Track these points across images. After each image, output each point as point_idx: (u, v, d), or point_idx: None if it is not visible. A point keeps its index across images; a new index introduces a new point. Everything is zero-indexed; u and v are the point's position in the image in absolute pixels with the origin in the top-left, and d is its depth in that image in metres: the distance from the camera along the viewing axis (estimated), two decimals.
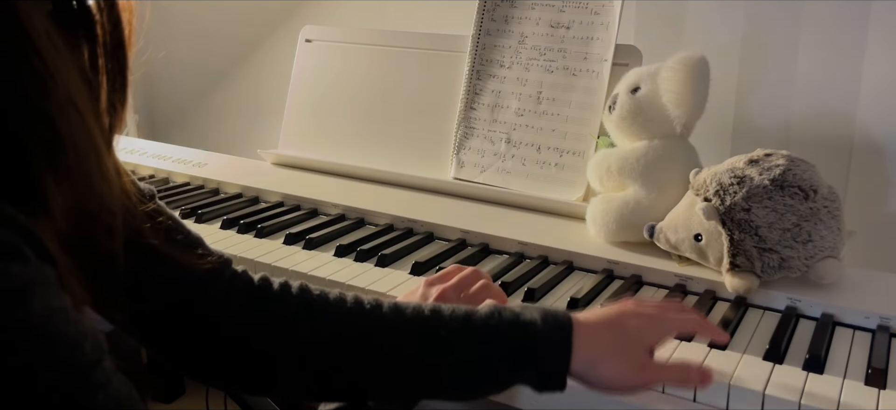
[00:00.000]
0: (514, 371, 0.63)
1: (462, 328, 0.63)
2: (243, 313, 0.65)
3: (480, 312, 0.64)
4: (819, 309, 0.82)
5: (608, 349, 0.63)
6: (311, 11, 1.71)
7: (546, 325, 0.63)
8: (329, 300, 0.66)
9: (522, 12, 1.21)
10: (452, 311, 0.64)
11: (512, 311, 0.64)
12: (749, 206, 0.83)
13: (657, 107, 0.97)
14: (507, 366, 0.62)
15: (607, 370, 0.63)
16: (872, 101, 1.15)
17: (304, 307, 0.66)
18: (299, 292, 0.67)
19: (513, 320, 0.63)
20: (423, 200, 1.17)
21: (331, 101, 1.36)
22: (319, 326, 0.64)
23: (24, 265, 0.38)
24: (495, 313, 0.64)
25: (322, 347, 0.64)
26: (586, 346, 0.62)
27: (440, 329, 0.63)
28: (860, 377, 0.70)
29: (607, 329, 0.64)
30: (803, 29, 1.18)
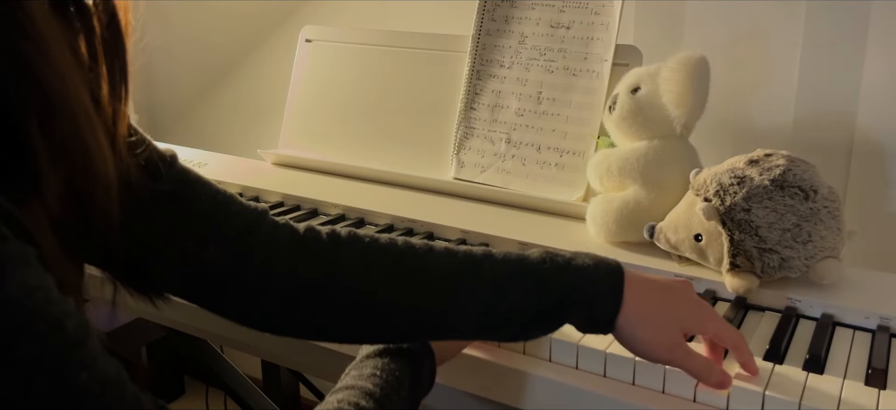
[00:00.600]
0: (564, 314, 0.65)
1: (516, 271, 0.65)
2: (289, 262, 0.65)
3: (533, 256, 0.66)
4: (819, 309, 0.82)
5: (651, 315, 0.65)
6: (311, 11, 1.71)
7: (599, 271, 0.65)
8: (380, 244, 0.67)
9: (522, 12, 1.21)
10: (505, 255, 0.66)
11: (564, 256, 0.66)
12: (749, 206, 0.83)
13: (657, 107, 0.97)
14: (559, 308, 0.64)
15: (644, 332, 0.65)
16: (872, 101, 1.15)
17: (354, 253, 0.66)
18: (348, 238, 0.67)
19: (565, 264, 0.65)
20: (423, 200, 1.17)
21: (331, 101, 1.36)
22: (370, 270, 0.65)
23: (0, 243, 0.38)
24: (548, 257, 0.65)
25: (374, 292, 0.65)
26: (634, 302, 0.64)
27: (495, 271, 0.65)
28: (860, 377, 0.70)
29: (657, 296, 0.66)
30: (803, 29, 1.18)
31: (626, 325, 0.64)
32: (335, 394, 0.62)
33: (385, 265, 0.65)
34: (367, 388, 0.62)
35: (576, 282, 0.64)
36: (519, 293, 0.64)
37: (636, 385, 0.72)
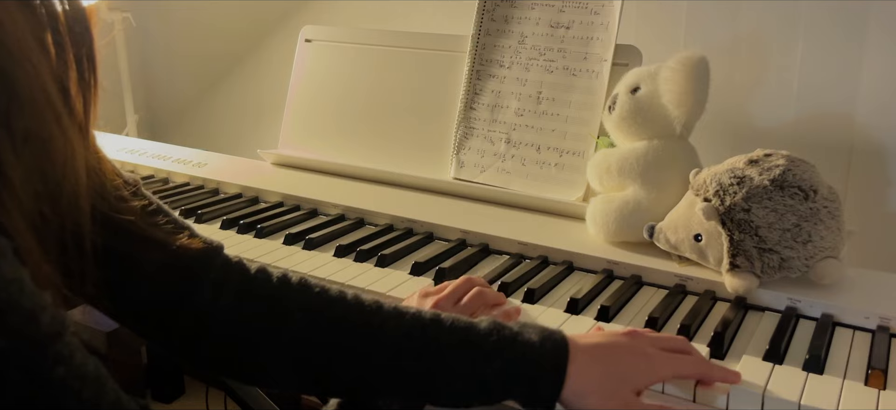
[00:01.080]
0: (507, 390, 0.63)
1: (461, 341, 0.63)
2: (235, 301, 0.65)
3: (480, 326, 0.64)
4: (819, 309, 0.82)
5: (598, 385, 0.63)
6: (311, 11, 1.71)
7: (543, 349, 0.63)
8: (328, 296, 0.66)
9: (522, 12, 1.21)
10: (453, 322, 0.64)
11: (511, 329, 0.64)
12: (749, 206, 0.83)
13: (657, 107, 0.97)
14: (502, 384, 0.63)
15: (593, 403, 0.63)
16: (872, 101, 1.15)
17: (302, 300, 0.65)
18: (298, 284, 0.67)
19: (511, 339, 0.63)
20: (423, 200, 1.17)
21: (331, 101, 1.36)
22: (316, 321, 0.64)
23: None
24: (495, 329, 0.64)
25: (317, 342, 0.64)
26: (578, 377, 0.63)
27: (440, 338, 0.63)
28: (860, 377, 0.70)
29: (601, 363, 0.64)
30: (803, 29, 1.18)
31: (573, 399, 0.63)
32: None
33: (328, 320, 0.64)
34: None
35: (520, 358, 0.62)
36: (463, 362, 0.62)
37: None
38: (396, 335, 0.63)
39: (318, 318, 0.64)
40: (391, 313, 0.65)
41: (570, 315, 0.83)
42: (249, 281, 0.66)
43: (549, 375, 0.62)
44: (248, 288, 0.66)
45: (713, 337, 0.76)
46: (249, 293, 0.65)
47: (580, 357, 0.63)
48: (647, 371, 0.66)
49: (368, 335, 0.64)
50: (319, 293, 0.66)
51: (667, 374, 0.68)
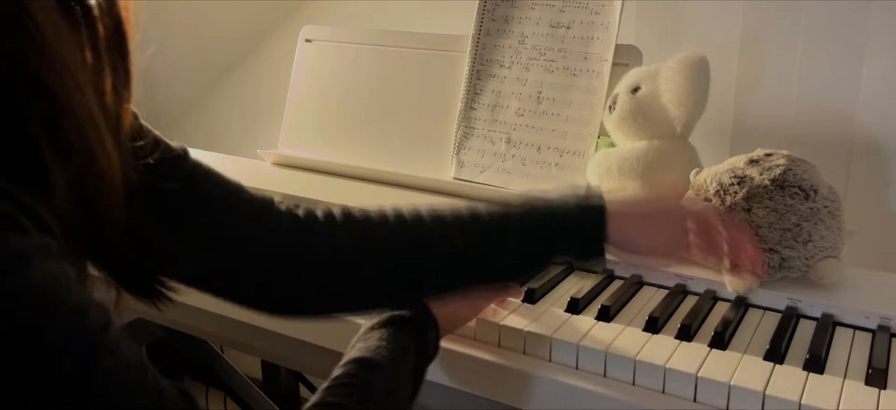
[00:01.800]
0: (552, 256, 0.73)
1: (501, 227, 0.70)
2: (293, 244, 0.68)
3: (516, 210, 0.71)
4: (819, 309, 0.82)
5: (640, 231, 0.72)
6: (311, 11, 1.71)
7: (581, 213, 0.70)
8: (372, 220, 0.71)
9: (522, 12, 1.21)
10: (490, 213, 0.70)
11: (546, 205, 0.71)
12: (749, 206, 0.83)
13: (657, 107, 0.97)
14: (546, 253, 0.72)
15: (641, 246, 0.73)
16: (872, 101, 1.15)
17: (350, 230, 0.70)
18: (343, 217, 0.71)
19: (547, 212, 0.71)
20: (423, 200, 1.16)
21: (331, 101, 1.36)
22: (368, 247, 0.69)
23: (22, 234, 0.38)
24: (530, 210, 0.71)
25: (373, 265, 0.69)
26: (619, 231, 0.71)
27: (481, 229, 0.70)
28: (860, 377, 0.70)
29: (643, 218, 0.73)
30: (803, 29, 1.18)
31: (622, 245, 0.72)
32: (343, 367, 0.63)
33: (380, 237, 0.69)
34: (374, 359, 0.63)
35: (558, 228, 0.70)
36: (505, 245, 0.70)
37: (636, 384, 0.72)
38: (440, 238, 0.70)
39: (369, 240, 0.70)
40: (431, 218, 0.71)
41: (571, 315, 0.83)
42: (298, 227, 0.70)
43: (588, 237, 0.71)
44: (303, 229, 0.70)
45: (713, 337, 0.76)
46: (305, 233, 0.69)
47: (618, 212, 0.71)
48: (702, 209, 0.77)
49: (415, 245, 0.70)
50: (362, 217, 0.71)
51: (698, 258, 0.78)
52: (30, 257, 0.38)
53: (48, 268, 0.39)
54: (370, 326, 0.69)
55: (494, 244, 0.70)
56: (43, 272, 0.38)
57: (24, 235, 0.38)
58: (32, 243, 0.39)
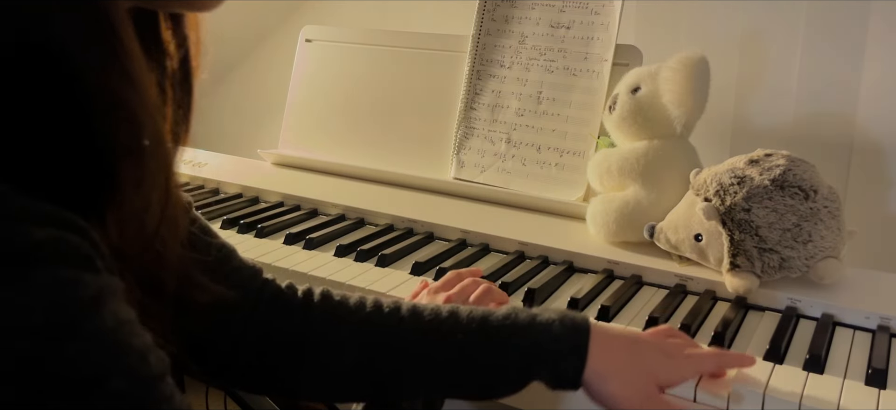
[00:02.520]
0: (528, 373, 0.63)
1: (479, 331, 0.64)
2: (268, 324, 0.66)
3: (497, 314, 0.64)
4: (819, 309, 0.82)
5: (621, 369, 0.63)
6: (311, 11, 1.71)
7: (563, 327, 0.63)
8: (349, 306, 0.67)
9: (522, 12, 1.21)
10: (470, 313, 0.65)
11: (528, 313, 0.65)
12: (749, 206, 0.83)
13: (657, 107, 0.97)
14: (524, 368, 0.63)
15: (615, 388, 0.63)
16: (872, 101, 1.15)
17: (326, 314, 0.67)
18: (321, 299, 0.68)
19: (529, 322, 0.64)
20: (423, 200, 1.17)
21: (331, 101, 1.36)
22: (340, 332, 0.65)
23: (96, 274, 0.38)
24: (512, 314, 0.64)
25: (342, 353, 0.65)
26: (600, 357, 0.63)
27: (458, 333, 0.64)
28: (860, 377, 0.70)
29: (625, 350, 0.65)
30: (803, 29, 1.18)
31: (595, 380, 0.63)
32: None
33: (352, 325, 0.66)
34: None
35: (538, 338, 0.63)
36: (482, 354, 0.63)
37: None
38: (416, 336, 0.64)
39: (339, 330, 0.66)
40: (409, 313, 0.66)
41: None
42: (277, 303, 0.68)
43: (569, 354, 0.63)
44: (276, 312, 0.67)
45: (713, 337, 0.76)
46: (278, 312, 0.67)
47: (602, 339, 0.64)
48: (671, 371, 0.67)
49: (389, 340, 0.65)
50: (340, 302, 0.67)
51: (690, 374, 0.68)
52: (103, 300, 0.38)
53: (117, 311, 0.38)
54: None
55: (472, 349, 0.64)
56: (113, 315, 0.38)
57: (97, 275, 0.38)
58: (104, 286, 0.38)
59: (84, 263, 0.38)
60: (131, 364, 0.38)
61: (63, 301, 0.36)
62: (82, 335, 0.36)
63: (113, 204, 0.42)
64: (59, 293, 0.36)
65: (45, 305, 0.35)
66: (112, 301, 0.38)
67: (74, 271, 0.37)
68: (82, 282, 0.37)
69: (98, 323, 0.37)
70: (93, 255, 0.38)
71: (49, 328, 0.35)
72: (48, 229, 0.37)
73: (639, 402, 0.64)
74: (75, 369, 0.36)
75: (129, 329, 0.39)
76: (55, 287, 0.36)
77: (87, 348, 0.36)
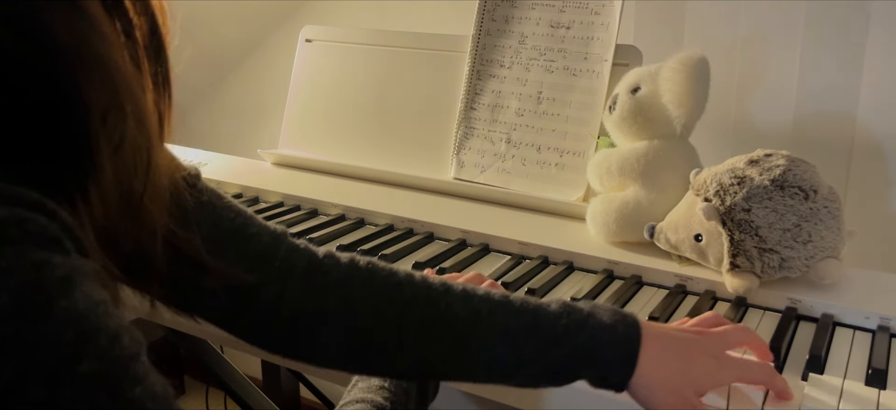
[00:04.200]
0: (576, 373, 0.63)
1: (531, 324, 0.62)
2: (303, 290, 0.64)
3: (550, 309, 0.63)
4: (819, 309, 0.82)
5: (666, 379, 0.63)
6: (311, 11, 1.71)
7: (615, 332, 0.62)
8: (396, 281, 0.65)
9: (522, 12, 1.21)
10: (523, 303, 0.63)
11: (581, 311, 0.63)
12: (749, 206, 0.83)
13: (657, 107, 0.97)
14: (571, 367, 0.62)
15: (659, 396, 0.62)
16: (872, 101, 1.15)
17: (369, 289, 0.64)
18: (366, 269, 0.65)
19: (582, 323, 0.62)
20: (424, 200, 1.17)
21: (331, 101, 1.36)
22: (384, 311, 0.63)
23: (65, 256, 0.38)
24: (565, 312, 0.63)
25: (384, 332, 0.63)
26: (648, 366, 0.62)
27: (508, 322, 0.62)
28: (860, 377, 0.70)
29: (675, 359, 0.64)
30: (803, 29, 1.18)
31: (640, 388, 0.62)
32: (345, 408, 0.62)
33: (398, 305, 0.64)
34: (376, 401, 0.62)
35: (590, 343, 0.62)
36: (531, 347, 0.62)
37: None
38: (464, 319, 0.63)
39: (385, 306, 0.63)
40: (459, 295, 0.64)
41: None
42: (315, 271, 0.65)
43: (619, 363, 0.62)
44: (313, 279, 0.65)
45: None
46: (315, 284, 0.64)
47: (652, 345, 0.63)
48: (715, 374, 0.65)
49: (435, 319, 0.63)
50: (387, 277, 0.65)
51: (732, 378, 0.67)
52: (74, 281, 0.37)
53: (89, 292, 0.38)
54: None
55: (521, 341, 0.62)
56: (86, 297, 0.37)
57: (67, 256, 0.38)
58: (75, 267, 0.38)
59: (52, 244, 0.37)
60: (103, 345, 0.37)
61: (33, 282, 0.35)
62: (55, 317, 0.36)
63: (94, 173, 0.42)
64: (27, 274, 0.35)
65: (13, 286, 0.35)
66: (84, 283, 0.38)
67: (43, 252, 0.36)
68: (51, 263, 0.36)
69: (69, 304, 0.36)
70: (61, 237, 0.38)
71: (19, 309, 0.35)
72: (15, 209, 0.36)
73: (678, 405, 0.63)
74: (46, 351, 0.35)
75: (103, 310, 0.38)
76: (24, 268, 0.35)
77: (59, 329, 0.36)
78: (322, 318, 0.64)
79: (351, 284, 0.64)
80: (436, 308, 0.63)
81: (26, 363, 0.34)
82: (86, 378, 0.36)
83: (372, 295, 0.64)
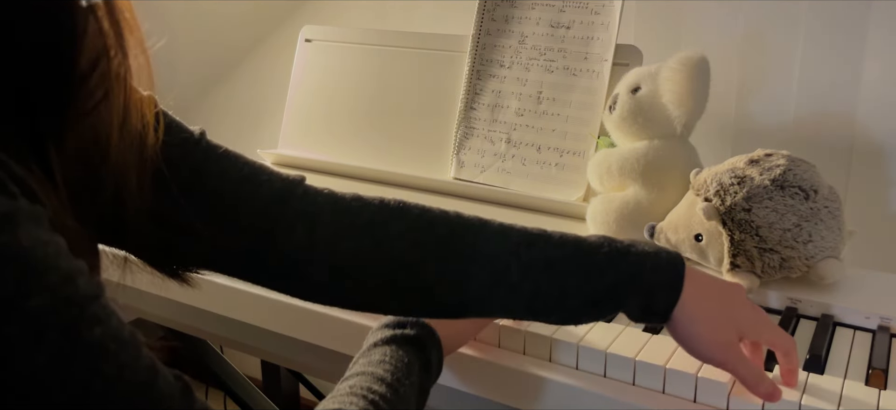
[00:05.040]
0: (620, 301, 0.62)
1: (572, 254, 0.62)
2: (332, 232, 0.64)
3: (591, 239, 0.63)
4: (819, 309, 0.82)
5: (709, 312, 0.63)
6: (311, 11, 1.71)
7: (659, 260, 0.62)
8: (430, 216, 0.65)
9: (522, 12, 1.21)
10: (562, 236, 0.63)
11: (622, 242, 0.63)
12: (749, 206, 0.83)
13: (657, 107, 0.97)
14: (614, 297, 0.62)
15: (701, 328, 0.62)
16: (872, 101, 1.15)
17: (402, 227, 0.64)
18: (397, 207, 0.65)
19: (624, 251, 0.62)
20: (424, 200, 1.16)
21: (331, 101, 1.36)
22: (419, 242, 0.63)
23: (9, 198, 0.37)
24: (606, 242, 0.63)
25: (421, 269, 0.63)
26: (692, 298, 0.62)
27: (548, 253, 0.62)
28: (860, 377, 0.70)
29: (716, 295, 0.64)
30: (803, 29, 1.18)
31: (683, 319, 0.62)
32: (346, 381, 0.62)
33: (434, 241, 0.63)
34: (377, 373, 0.61)
35: (634, 269, 0.61)
36: (574, 277, 0.61)
37: (636, 385, 0.72)
38: (503, 252, 0.62)
39: (420, 243, 0.63)
40: (496, 229, 0.64)
41: None
42: (341, 212, 0.65)
43: (664, 288, 0.62)
44: (339, 219, 0.64)
45: None
46: (341, 224, 0.64)
47: (696, 280, 0.63)
48: (756, 323, 0.66)
49: (473, 254, 0.62)
50: (419, 215, 0.65)
51: (769, 336, 0.67)
52: (17, 219, 0.37)
53: (36, 234, 0.37)
54: (373, 342, 0.67)
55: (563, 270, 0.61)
56: (30, 236, 0.37)
57: (11, 199, 0.37)
58: (19, 207, 0.37)
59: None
60: (53, 281, 0.37)
61: None
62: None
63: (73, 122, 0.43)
64: None
65: None
66: (29, 223, 0.37)
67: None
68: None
69: (12, 240, 0.36)
70: (5, 180, 0.38)
71: None
72: None
73: (720, 349, 0.63)
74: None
75: (53, 250, 0.38)
76: None
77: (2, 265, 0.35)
78: (356, 257, 0.63)
79: (383, 223, 0.64)
80: (473, 244, 0.63)
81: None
82: (37, 316, 0.36)
83: (406, 232, 0.64)
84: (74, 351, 0.37)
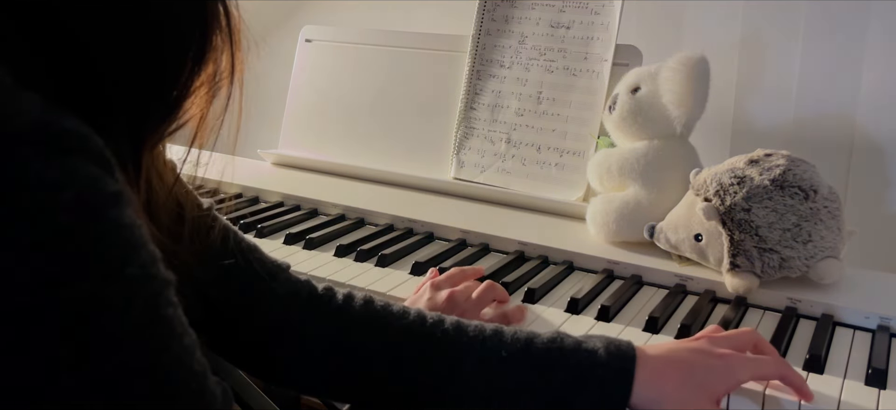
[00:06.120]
0: (573, 400, 0.62)
1: (523, 351, 0.62)
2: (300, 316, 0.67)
3: (542, 337, 0.63)
4: (819, 309, 0.82)
5: (672, 392, 0.61)
6: (311, 11, 1.71)
7: (608, 355, 0.61)
8: (391, 314, 0.67)
9: (522, 12, 1.21)
10: (514, 334, 0.64)
11: (574, 339, 0.63)
12: (749, 206, 0.83)
13: (657, 107, 0.97)
14: (567, 394, 0.61)
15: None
16: (872, 101, 1.15)
17: (365, 319, 0.66)
18: (362, 305, 0.67)
19: (574, 347, 0.62)
20: (423, 200, 1.17)
21: (331, 101, 1.36)
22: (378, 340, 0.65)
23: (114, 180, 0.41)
24: (557, 339, 0.63)
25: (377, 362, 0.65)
26: (651, 382, 0.61)
27: (501, 351, 0.62)
28: (860, 377, 0.70)
29: (676, 369, 0.62)
30: (803, 29, 1.18)
31: (645, 405, 0.61)
32: None
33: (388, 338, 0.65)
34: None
35: (583, 363, 0.61)
36: (524, 376, 0.62)
37: None
38: (458, 351, 0.63)
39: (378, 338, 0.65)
40: (453, 327, 0.65)
41: (571, 315, 0.83)
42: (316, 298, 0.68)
43: (616, 382, 0.61)
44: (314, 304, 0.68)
45: None
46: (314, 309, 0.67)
47: (650, 363, 0.62)
48: (726, 376, 0.64)
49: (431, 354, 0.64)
50: (381, 310, 0.67)
51: (747, 377, 0.65)
52: (126, 199, 0.40)
53: (134, 216, 0.41)
54: None
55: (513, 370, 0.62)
56: (132, 217, 0.40)
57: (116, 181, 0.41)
58: (124, 190, 0.41)
59: (107, 166, 0.40)
60: (145, 259, 0.40)
61: (91, 187, 0.38)
62: (107, 220, 0.39)
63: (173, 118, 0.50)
64: (87, 181, 0.38)
65: (76, 186, 0.38)
66: (130, 207, 0.41)
67: (99, 169, 0.39)
68: (104, 179, 0.40)
69: (119, 215, 0.39)
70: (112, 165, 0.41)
71: (78, 206, 0.37)
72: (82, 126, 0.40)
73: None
74: (99, 248, 0.38)
75: (145, 234, 0.41)
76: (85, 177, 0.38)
77: (111, 232, 0.39)
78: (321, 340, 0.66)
79: (349, 311, 0.67)
80: (430, 336, 0.64)
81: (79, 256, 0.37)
82: (129, 283, 0.39)
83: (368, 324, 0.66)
84: (152, 323, 0.40)
